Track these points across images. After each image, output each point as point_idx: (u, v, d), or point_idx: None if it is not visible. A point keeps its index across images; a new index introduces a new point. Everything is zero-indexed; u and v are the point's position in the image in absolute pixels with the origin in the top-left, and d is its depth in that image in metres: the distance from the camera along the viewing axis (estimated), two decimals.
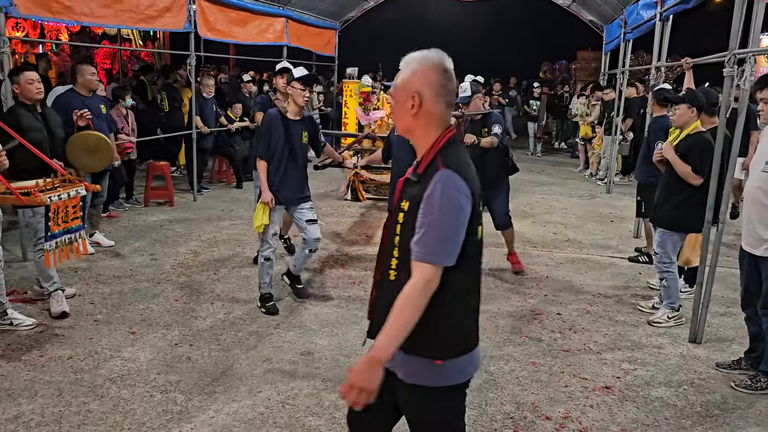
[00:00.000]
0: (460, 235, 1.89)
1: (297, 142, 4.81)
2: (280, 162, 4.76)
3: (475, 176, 1.99)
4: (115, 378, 3.73)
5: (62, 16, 6.08)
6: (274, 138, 4.73)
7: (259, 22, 10.19)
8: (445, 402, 2.04)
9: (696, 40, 9.87)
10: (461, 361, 2.01)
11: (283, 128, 4.74)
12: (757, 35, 4.14)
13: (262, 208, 4.73)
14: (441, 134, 1.99)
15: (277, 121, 4.74)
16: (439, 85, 1.96)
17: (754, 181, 3.74)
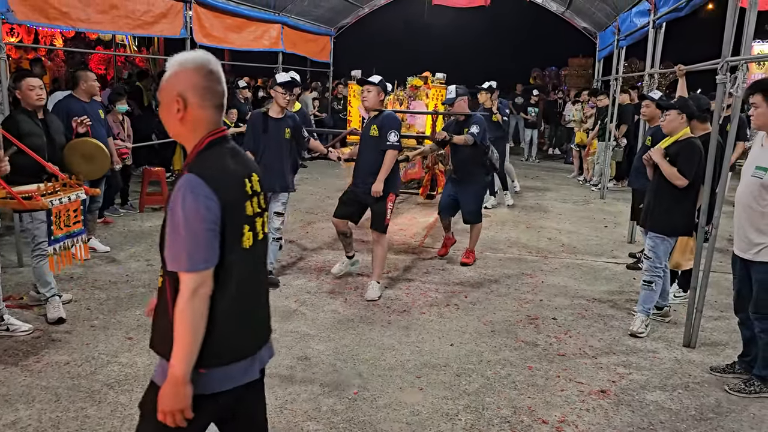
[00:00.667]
0: (207, 240, 1.83)
1: (278, 138, 5.43)
2: (262, 154, 5.34)
3: (239, 180, 1.94)
4: (112, 383, 3.73)
5: (59, 22, 6.09)
6: (256, 134, 5.42)
7: (254, 28, 10.24)
8: (203, 412, 1.94)
9: (689, 47, 9.97)
10: (225, 370, 1.95)
11: (263, 126, 5.42)
12: (750, 43, 4.20)
13: None
14: (203, 137, 1.95)
15: (258, 120, 5.47)
16: (204, 88, 1.92)
17: (744, 186, 3.79)
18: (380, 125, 5.30)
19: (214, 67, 1.96)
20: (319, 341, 4.45)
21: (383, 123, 5.30)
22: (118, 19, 6.92)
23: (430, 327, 4.77)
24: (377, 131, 5.30)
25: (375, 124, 5.34)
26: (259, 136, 5.41)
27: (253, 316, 2.06)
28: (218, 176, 1.88)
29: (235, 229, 1.91)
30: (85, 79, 5.91)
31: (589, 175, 11.79)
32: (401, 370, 4.04)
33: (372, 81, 5.37)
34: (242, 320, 1.99)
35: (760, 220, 3.66)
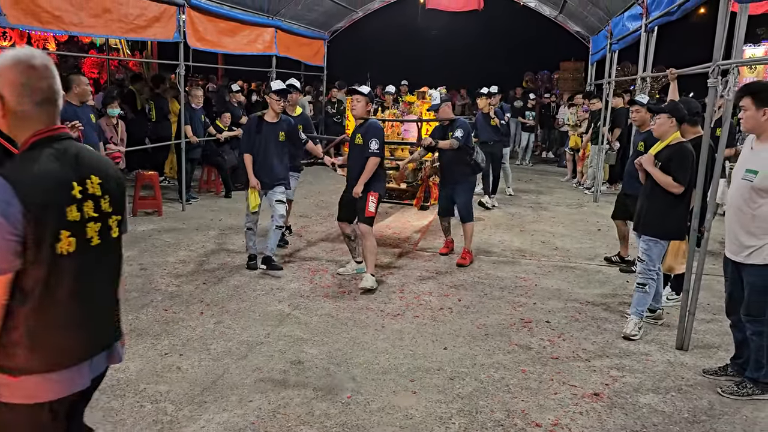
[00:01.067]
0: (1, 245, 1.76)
1: (272, 140, 6.00)
2: (257, 155, 5.98)
3: (59, 184, 1.88)
4: (104, 388, 3.70)
5: (51, 25, 6.07)
6: (252, 137, 5.99)
7: (248, 32, 10.23)
8: (21, 421, 1.91)
9: (681, 50, 10.02)
10: (47, 378, 1.90)
11: (257, 129, 5.99)
12: (740, 46, 4.23)
13: (252, 192, 5.95)
14: (27, 138, 1.90)
15: (253, 124, 6.05)
16: (21, 84, 1.86)
17: (735, 189, 3.81)
18: (364, 133, 5.64)
19: (38, 62, 1.88)
20: (312, 345, 4.44)
21: (366, 131, 5.64)
22: (111, 22, 6.90)
23: (423, 330, 4.77)
24: (361, 139, 5.64)
25: (359, 132, 5.70)
26: (254, 138, 5.97)
27: (85, 323, 1.99)
28: (28, 180, 1.81)
29: (47, 235, 1.82)
30: (77, 83, 5.90)
31: (583, 179, 11.83)
32: (395, 374, 4.04)
33: (361, 91, 5.70)
34: (69, 327, 1.93)
35: (751, 223, 3.68)
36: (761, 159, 3.62)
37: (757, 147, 3.73)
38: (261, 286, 5.64)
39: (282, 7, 11.46)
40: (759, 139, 3.73)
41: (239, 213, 8.62)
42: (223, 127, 9.95)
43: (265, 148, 5.98)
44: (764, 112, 3.62)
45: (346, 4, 13.83)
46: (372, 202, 5.67)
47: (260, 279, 5.84)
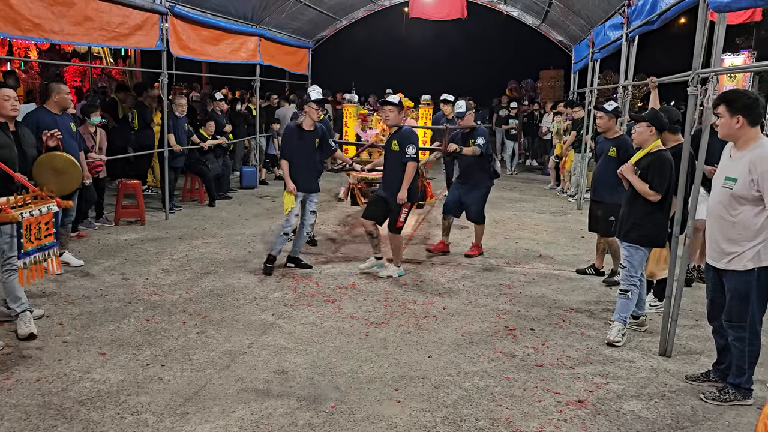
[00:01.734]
0: None
1: (309, 147, 6.27)
2: (296, 162, 6.22)
3: None
4: (84, 400, 3.65)
5: (32, 33, 6.01)
6: (294, 144, 6.24)
7: (231, 40, 10.20)
8: None
9: (663, 59, 10.14)
10: None
11: (298, 137, 6.25)
12: (719, 55, 4.28)
13: (288, 195, 6.24)
14: None
15: (293, 132, 6.28)
16: None
17: (715, 197, 3.85)
18: (400, 140, 6.03)
19: None
20: (296, 354, 4.41)
21: (402, 138, 6.03)
22: (92, 31, 6.83)
23: (408, 339, 4.76)
24: (398, 145, 6.03)
25: (395, 139, 6.08)
26: (295, 145, 6.25)
27: None
28: None
29: None
30: (57, 91, 5.82)
31: (566, 186, 11.90)
32: (379, 383, 4.02)
33: (392, 102, 6.12)
34: None
35: (732, 230, 3.71)
36: (740, 166, 3.67)
37: (735, 155, 3.77)
38: (244, 296, 5.60)
39: (266, 15, 11.45)
40: (736, 146, 3.78)
41: (223, 222, 8.58)
42: (207, 135, 9.90)
43: (305, 155, 6.26)
44: (737, 120, 3.67)
45: (330, 13, 13.86)
46: (404, 213, 6.13)
47: (243, 288, 5.80)
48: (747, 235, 3.65)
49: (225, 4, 9.97)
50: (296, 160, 6.23)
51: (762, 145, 3.63)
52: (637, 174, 4.68)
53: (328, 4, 13.10)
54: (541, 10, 13.36)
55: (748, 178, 3.59)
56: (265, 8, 11.17)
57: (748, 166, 3.60)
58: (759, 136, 3.69)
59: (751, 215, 3.63)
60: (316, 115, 6.26)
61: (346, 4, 13.98)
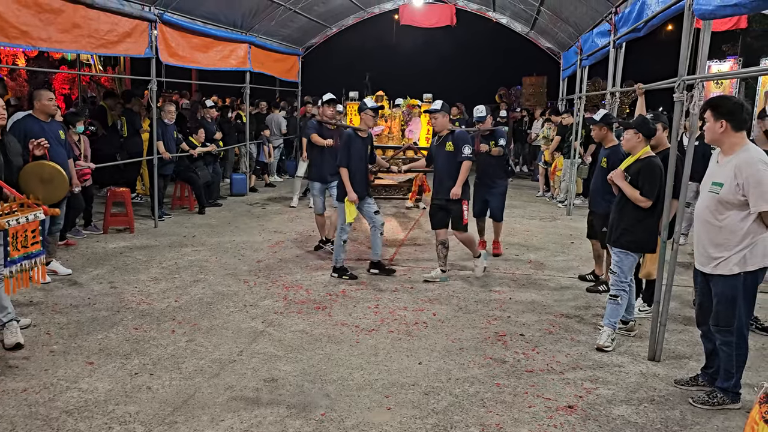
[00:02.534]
0: None
1: (363, 154, 6.53)
2: (353, 169, 6.40)
3: None
4: (71, 410, 3.62)
5: (19, 41, 5.98)
6: (351, 151, 6.38)
7: (221, 48, 10.20)
8: None
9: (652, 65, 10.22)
10: None
11: (355, 144, 6.42)
12: (705, 62, 4.32)
13: (349, 205, 6.37)
14: None
15: (351, 139, 6.41)
16: None
17: (702, 201, 3.88)
18: (455, 141, 6.24)
19: None
20: (286, 362, 4.39)
21: (457, 139, 6.25)
22: (80, 38, 6.82)
23: (398, 345, 4.75)
24: (452, 146, 6.24)
25: (450, 141, 6.28)
26: (351, 152, 6.39)
27: None
28: None
29: None
30: (38, 97, 5.79)
31: (556, 192, 11.95)
32: (369, 390, 4.01)
33: (437, 109, 6.34)
34: None
35: (718, 235, 3.74)
36: (726, 171, 3.70)
37: (722, 160, 3.81)
38: (234, 303, 5.57)
39: (256, 23, 11.46)
40: (723, 151, 3.82)
41: (213, 229, 8.55)
42: (196, 143, 9.87)
43: (358, 162, 6.45)
44: (721, 124, 3.72)
45: (320, 21, 13.89)
46: (465, 210, 6.33)
47: (233, 296, 5.77)
48: (733, 240, 3.68)
49: (214, 11, 9.97)
50: (354, 166, 6.40)
51: (747, 150, 3.67)
52: (627, 180, 4.71)
53: (318, 12, 13.13)
54: (529, 17, 13.45)
55: (733, 183, 3.63)
56: (255, 15, 11.18)
57: (733, 170, 3.64)
58: (744, 142, 3.72)
59: (737, 220, 3.67)
60: (372, 122, 6.57)
61: (335, 11, 14.02)
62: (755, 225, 3.64)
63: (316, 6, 12.58)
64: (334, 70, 20.54)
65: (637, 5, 6.51)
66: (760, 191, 3.54)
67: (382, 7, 14.80)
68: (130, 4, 7.75)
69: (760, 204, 3.55)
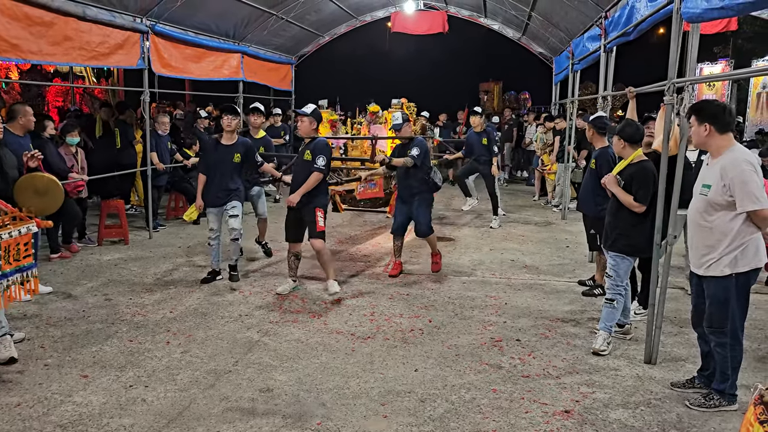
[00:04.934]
0: None
1: (228, 161, 6.36)
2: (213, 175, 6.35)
3: None
4: (65, 424, 3.60)
5: (9, 54, 5.97)
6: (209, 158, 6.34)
7: (214, 58, 10.21)
8: None
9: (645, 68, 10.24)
10: None
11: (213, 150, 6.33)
12: (694, 64, 4.35)
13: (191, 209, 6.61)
14: None
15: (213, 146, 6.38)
16: None
17: (693, 204, 3.90)
18: (312, 150, 5.95)
19: None
20: (281, 372, 4.37)
21: (315, 149, 5.95)
22: (71, 50, 6.81)
23: (394, 353, 4.74)
24: (310, 155, 5.94)
25: (308, 149, 5.99)
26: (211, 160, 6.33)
27: None
28: None
29: None
30: (23, 113, 5.82)
31: (551, 196, 11.98)
32: (365, 398, 3.99)
33: (305, 112, 6.01)
34: None
35: (709, 236, 3.76)
36: (714, 173, 3.73)
37: (711, 162, 3.84)
38: (229, 313, 5.56)
39: (248, 32, 11.48)
40: (711, 154, 3.85)
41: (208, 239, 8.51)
42: (191, 154, 9.86)
43: (215, 169, 6.38)
44: (705, 128, 3.76)
45: (312, 29, 13.91)
46: (321, 217, 6.01)
47: (229, 306, 5.76)
48: (724, 241, 3.69)
49: (207, 21, 9.99)
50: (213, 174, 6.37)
51: (734, 151, 3.70)
52: (620, 185, 4.72)
53: (310, 20, 13.16)
54: (521, 23, 13.50)
55: (720, 184, 3.65)
56: (247, 25, 11.20)
57: (719, 172, 3.67)
58: (731, 143, 3.75)
59: (726, 220, 3.68)
60: (230, 126, 6.38)
61: (327, 20, 14.05)
62: (745, 226, 3.65)
63: (308, 15, 12.61)
64: (328, 79, 20.59)
65: (626, 10, 6.54)
66: (745, 191, 3.56)
67: (374, 15, 14.84)
68: (122, 15, 7.76)
69: (746, 204, 3.57)
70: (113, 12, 7.57)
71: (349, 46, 18.44)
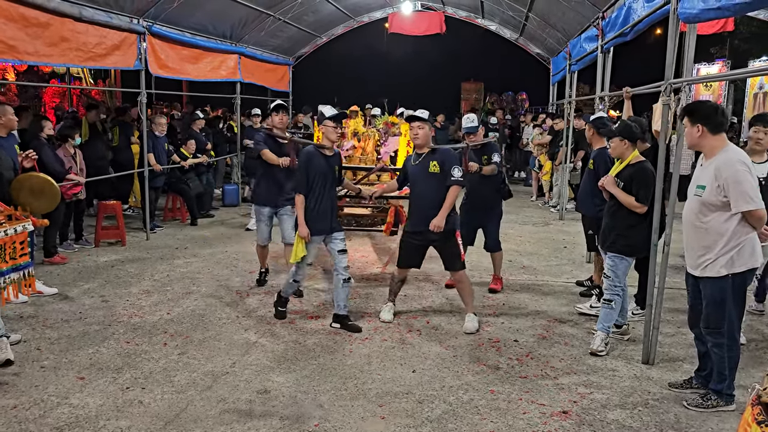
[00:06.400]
0: None
1: (331, 176, 5.24)
2: (318, 195, 5.18)
3: None
4: (62, 426, 3.58)
5: (6, 55, 5.95)
6: (311, 174, 5.14)
7: (211, 59, 10.20)
8: None
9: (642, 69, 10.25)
10: None
11: (318, 164, 5.17)
12: (690, 65, 4.35)
13: (299, 241, 5.16)
14: None
15: (315, 158, 5.17)
16: None
17: (688, 205, 3.90)
18: (441, 162, 5.15)
19: None
20: (279, 373, 4.36)
21: (444, 159, 5.16)
22: (68, 51, 6.79)
23: (392, 354, 4.73)
24: (438, 168, 5.14)
25: (434, 160, 5.16)
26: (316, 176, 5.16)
27: None
28: None
29: None
30: (2, 113, 5.79)
31: (548, 197, 11.99)
32: (363, 399, 3.99)
33: (422, 117, 5.21)
34: None
35: (705, 237, 3.76)
36: (707, 174, 3.73)
37: (704, 163, 3.84)
38: (227, 315, 5.54)
39: (245, 33, 11.47)
40: (705, 155, 3.85)
41: (205, 241, 8.52)
42: (187, 154, 9.85)
43: (321, 188, 5.19)
44: (698, 129, 3.76)
45: (310, 30, 13.91)
46: (460, 244, 5.31)
47: (225, 307, 5.74)
48: (719, 242, 3.69)
49: (204, 22, 9.98)
50: (315, 194, 5.17)
51: (727, 151, 3.70)
52: (619, 186, 4.71)
53: (308, 21, 13.15)
54: (518, 23, 13.51)
55: (714, 184, 3.66)
56: (245, 26, 11.19)
57: (714, 172, 3.67)
58: (725, 144, 3.75)
59: (721, 221, 3.69)
60: (335, 136, 5.27)
61: (325, 20, 14.05)
62: (740, 226, 3.65)
63: (305, 16, 12.61)
64: (325, 79, 20.61)
65: (623, 10, 6.55)
66: (739, 191, 3.56)
67: (372, 16, 14.85)
68: (119, 16, 7.74)
69: (740, 204, 3.57)
70: (110, 13, 7.55)
71: (347, 47, 18.45)
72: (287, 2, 11.21)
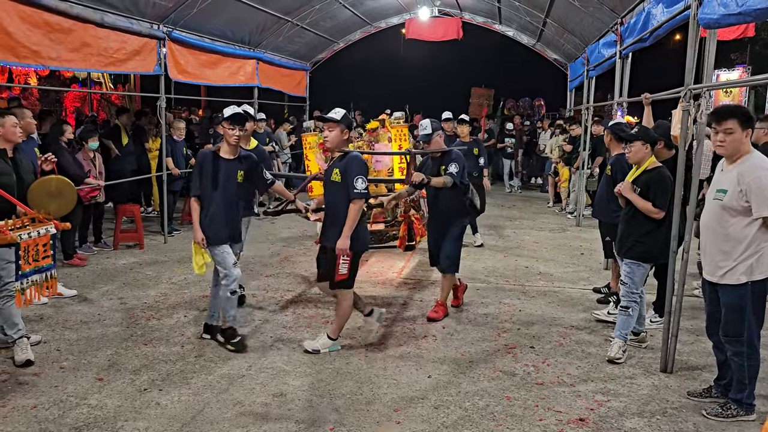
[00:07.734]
0: None
1: (226, 182, 4.80)
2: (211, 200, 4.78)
3: None
4: (81, 426, 3.62)
5: (29, 60, 6.06)
6: (203, 178, 4.78)
7: (229, 64, 10.30)
8: None
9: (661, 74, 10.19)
10: None
11: (214, 168, 4.76)
12: (711, 71, 4.32)
13: (197, 250, 4.87)
14: None
15: (208, 161, 4.78)
16: None
17: (708, 210, 3.86)
18: (343, 169, 4.57)
19: None
20: (295, 377, 4.38)
21: (347, 167, 4.57)
22: (90, 56, 6.90)
23: (407, 359, 4.73)
24: (339, 176, 4.58)
25: (338, 167, 4.63)
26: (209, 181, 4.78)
27: None
28: None
29: None
30: (21, 116, 5.83)
31: (565, 203, 11.92)
32: (378, 404, 3.99)
33: (333, 118, 4.58)
34: None
35: (724, 243, 3.71)
36: (730, 178, 3.69)
37: (726, 168, 3.79)
38: (243, 318, 5.57)
39: (263, 39, 11.57)
40: (727, 160, 3.80)
41: None
42: None
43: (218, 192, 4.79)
44: (747, 133, 3.68)
45: (327, 36, 13.99)
46: (343, 263, 4.60)
47: (242, 311, 5.77)
48: (739, 248, 3.65)
49: (222, 28, 10.08)
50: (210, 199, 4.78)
51: (752, 158, 3.66)
52: (636, 192, 4.68)
53: (325, 27, 13.23)
54: (535, 29, 13.48)
55: (737, 189, 3.61)
56: (263, 32, 11.29)
57: (737, 177, 3.63)
58: (750, 148, 3.71)
59: (741, 226, 3.64)
60: (232, 140, 4.77)
61: (342, 26, 14.12)
62: (760, 232, 3.61)
63: (322, 21, 12.69)
64: (342, 85, 20.67)
65: (642, 16, 6.52)
66: (762, 197, 3.52)
67: (389, 22, 14.90)
68: (139, 22, 7.85)
69: (763, 209, 3.53)
70: (131, 19, 7.66)
71: (364, 52, 18.50)
72: (305, 8, 11.29)
